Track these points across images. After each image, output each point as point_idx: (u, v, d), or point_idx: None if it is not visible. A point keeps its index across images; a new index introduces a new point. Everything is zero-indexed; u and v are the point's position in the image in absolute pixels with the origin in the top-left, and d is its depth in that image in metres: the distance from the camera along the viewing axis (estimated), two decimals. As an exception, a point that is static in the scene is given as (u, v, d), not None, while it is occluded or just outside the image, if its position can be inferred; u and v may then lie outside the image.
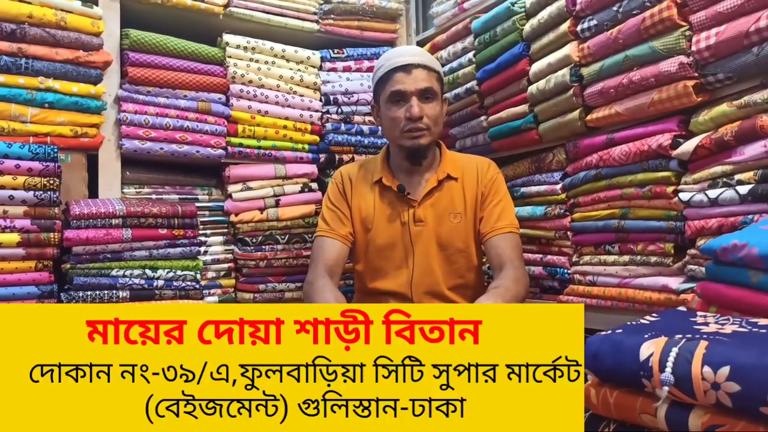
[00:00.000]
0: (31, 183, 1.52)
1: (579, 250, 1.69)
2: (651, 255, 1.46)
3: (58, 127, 1.72)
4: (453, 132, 2.17)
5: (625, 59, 1.48)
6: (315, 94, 2.21)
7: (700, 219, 1.32)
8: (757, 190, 1.20)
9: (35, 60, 1.69)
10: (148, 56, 1.89)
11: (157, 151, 1.90)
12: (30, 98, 1.68)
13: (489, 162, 1.69)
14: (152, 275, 1.64)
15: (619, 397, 0.83)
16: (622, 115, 1.52)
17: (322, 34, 2.25)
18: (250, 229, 2.04)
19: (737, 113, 1.27)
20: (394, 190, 1.62)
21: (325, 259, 1.58)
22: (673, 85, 1.37)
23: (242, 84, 2.05)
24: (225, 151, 2.02)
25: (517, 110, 1.85)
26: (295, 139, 2.16)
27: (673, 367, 0.75)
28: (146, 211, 1.64)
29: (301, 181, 2.15)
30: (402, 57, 1.57)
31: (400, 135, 1.57)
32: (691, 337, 0.79)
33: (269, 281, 2.05)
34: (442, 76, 1.65)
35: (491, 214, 1.59)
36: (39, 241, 1.53)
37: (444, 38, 2.17)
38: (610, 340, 0.86)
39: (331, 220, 1.64)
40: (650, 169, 1.45)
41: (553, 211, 1.75)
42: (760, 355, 0.70)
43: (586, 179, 1.63)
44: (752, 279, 0.94)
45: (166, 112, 1.92)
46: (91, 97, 1.78)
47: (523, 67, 1.80)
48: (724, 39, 1.26)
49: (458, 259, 1.60)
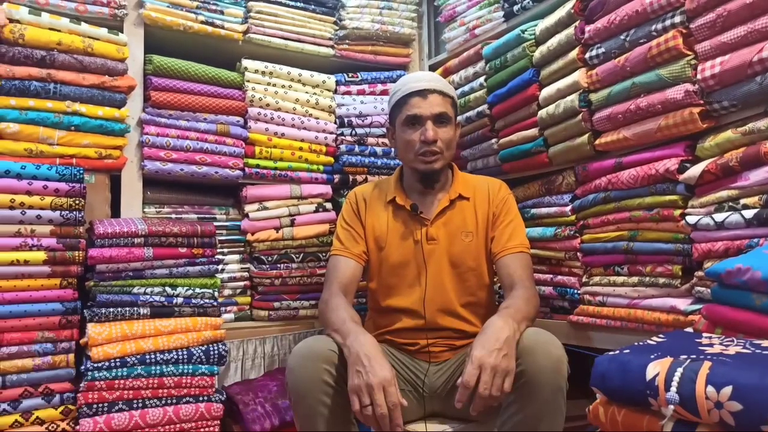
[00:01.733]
0: (57, 203, 1.58)
1: (589, 271, 1.72)
2: (659, 276, 1.49)
3: (83, 149, 1.79)
4: (464, 154, 2.22)
5: (632, 86, 1.53)
6: (330, 117, 2.27)
7: (707, 242, 1.35)
8: (762, 215, 1.23)
9: (63, 85, 1.76)
10: (170, 81, 1.96)
11: (177, 172, 1.96)
12: (57, 121, 1.75)
13: (500, 183, 1.73)
14: (172, 293, 1.69)
15: (626, 415, 0.86)
16: (630, 139, 1.56)
17: (337, 59, 2.32)
18: (265, 247, 2.09)
19: (742, 140, 1.31)
20: (407, 210, 1.66)
21: (340, 278, 1.61)
22: (679, 112, 1.41)
23: (260, 107, 2.12)
24: (242, 171, 2.08)
25: (527, 134, 1.90)
26: (310, 160, 2.22)
27: (678, 386, 0.78)
28: (167, 231, 1.70)
29: (315, 201, 2.20)
30: (419, 82, 1.63)
31: (414, 158, 1.61)
32: (695, 357, 0.82)
33: (284, 299, 2.10)
34: (457, 102, 1.69)
35: (502, 234, 1.62)
36: (64, 259, 1.59)
37: (456, 63, 2.23)
38: (618, 360, 0.89)
39: (346, 239, 1.68)
40: (658, 192, 1.48)
41: (563, 232, 1.78)
42: (762, 376, 0.73)
43: (595, 202, 1.67)
44: (756, 302, 0.97)
45: (187, 135, 1.98)
46: (116, 120, 1.84)
47: (533, 92, 1.84)
48: (728, 68, 1.30)
49: (470, 278, 1.63)
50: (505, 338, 1.26)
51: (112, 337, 1.58)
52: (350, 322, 1.41)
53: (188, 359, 1.65)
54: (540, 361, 1.27)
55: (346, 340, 1.34)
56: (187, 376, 1.64)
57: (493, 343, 1.24)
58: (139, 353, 1.60)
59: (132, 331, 1.60)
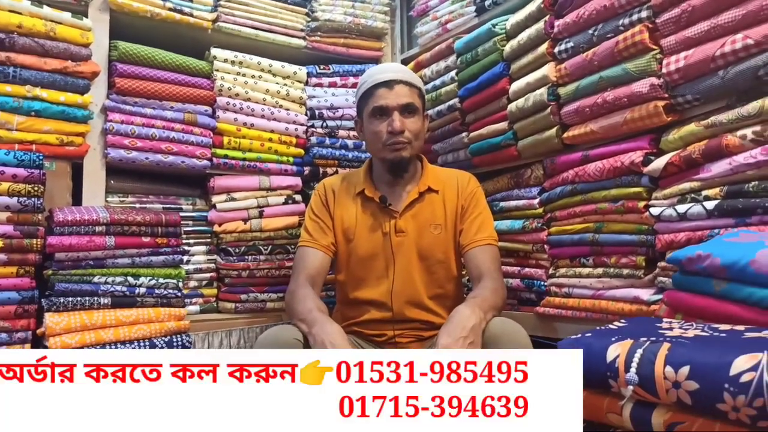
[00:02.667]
0: (15, 189, 1.53)
1: (555, 263, 1.74)
2: (623, 267, 1.51)
3: (44, 135, 1.73)
4: (435, 148, 2.22)
5: (600, 80, 1.54)
6: (301, 109, 2.25)
7: (670, 233, 1.37)
8: (723, 206, 1.26)
9: (23, 69, 1.70)
10: (136, 68, 1.91)
11: (142, 161, 1.92)
12: (17, 106, 1.69)
13: (469, 176, 1.73)
14: (134, 282, 1.65)
15: (587, 398, 0.87)
16: (596, 133, 1.58)
17: (309, 51, 2.30)
18: (233, 239, 2.06)
19: (704, 133, 1.33)
20: (376, 202, 1.65)
21: (307, 269, 1.60)
22: (644, 105, 1.44)
23: (229, 97, 2.09)
24: (210, 162, 2.05)
25: (497, 127, 1.91)
26: (280, 151, 2.19)
27: (638, 367, 0.79)
28: (130, 219, 1.65)
29: (285, 192, 2.18)
30: (384, 74, 1.62)
31: (382, 148, 1.61)
32: (655, 339, 0.83)
33: (251, 291, 2.07)
34: (424, 93, 1.69)
35: (471, 226, 1.62)
36: (21, 246, 1.53)
37: (428, 57, 2.23)
38: (580, 343, 0.90)
39: (314, 231, 1.66)
40: (623, 185, 1.50)
41: (530, 225, 1.80)
42: (717, 355, 0.74)
43: (562, 194, 1.68)
44: (716, 288, 0.99)
45: (153, 123, 1.94)
46: (78, 106, 1.79)
47: (504, 85, 1.85)
48: (692, 62, 1.33)
49: (438, 270, 1.63)
50: (472, 326, 1.26)
51: (70, 327, 1.53)
52: (316, 312, 1.40)
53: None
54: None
55: (312, 329, 1.33)
56: (149, 368, 1.60)
57: (460, 331, 1.25)
58: (99, 344, 1.55)
59: (92, 321, 1.56)
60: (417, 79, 1.67)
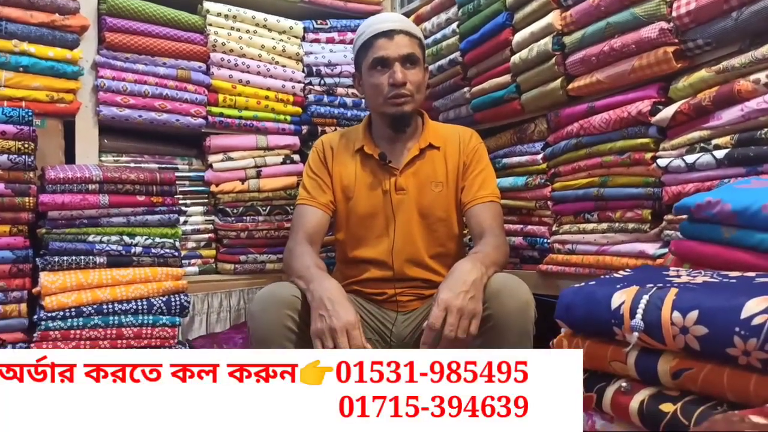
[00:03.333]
0: (4, 146, 1.49)
1: (559, 220, 1.70)
2: (629, 222, 1.47)
3: (33, 92, 1.69)
4: (436, 104, 2.16)
5: (607, 26, 1.48)
6: (297, 65, 2.19)
7: (678, 184, 1.33)
8: (733, 154, 1.21)
9: (9, 22, 1.65)
10: (126, 22, 1.85)
11: (135, 119, 1.87)
12: (4, 62, 1.65)
13: (471, 132, 1.68)
14: (130, 242, 1.62)
15: (590, 346, 0.84)
16: (603, 83, 1.52)
17: (305, 5, 2.22)
18: (230, 199, 2.03)
19: (716, 78, 1.27)
20: (375, 159, 1.61)
21: (306, 227, 1.57)
22: (653, 52, 1.37)
23: (223, 53, 2.02)
24: (205, 120, 2.00)
25: (499, 80, 1.85)
26: (276, 110, 2.14)
27: (644, 313, 0.76)
28: (124, 177, 1.62)
29: (282, 152, 2.14)
30: (383, 23, 1.56)
31: (383, 102, 1.55)
32: (662, 286, 0.80)
33: (250, 252, 2.04)
34: (423, 43, 1.63)
35: (473, 183, 1.58)
36: (13, 205, 1.51)
37: (428, 9, 2.15)
38: (583, 291, 0.86)
39: (312, 189, 1.63)
40: (630, 136, 1.45)
41: (533, 181, 1.75)
42: (727, 298, 0.71)
43: (566, 148, 1.63)
44: (725, 235, 0.95)
45: (145, 80, 1.89)
46: (68, 62, 1.74)
47: (507, 36, 1.79)
48: (704, 4, 1.26)
49: (439, 228, 1.60)
50: (473, 281, 1.24)
51: (66, 286, 1.51)
52: (314, 268, 1.38)
53: (148, 310, 1.59)
54: (507, 305, 1.26)
55: (310, 285, 1.31)
56: (147, 327, 1.59)
57: (460, 285, 1.23)
58: (96, 303, 1.54)
59: (88, 281, 1.54)
60: (417, 30, 1.61)
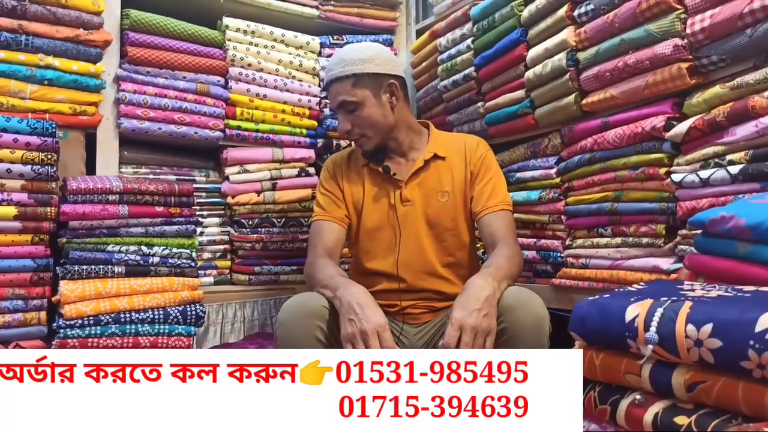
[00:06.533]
0: (28, 157, 1.53)
1: (572, 234, 1.70)
2: (643, 236, 1.47)
3: (57, 105, 1.73)
4: (450, 119, 2.18)
5: (621, 43, 1.49)
6: (314, 80, 2.22)
7: (692, 200, 1.33)
8: (748, 170, 1.21)
9: (35, 37, 1.70)
10: (148, 37, 1.90)
11: (155, 131, 1.91)
12: (30, 75, 1.69)
13: (478, 140, 1.67)
14: (148, 252, 1.65)
15: (605, 359, 0.84)
16: (617, 98, 1.53)
17: (322, 20, 2.26)
18: (246, 211, 2.05)
19: (730, 95, 1.28)
20: (381, 172, 1.62)
21: (324, 242, 1.57)
22: (667, 68, 1.38)
23: (241, 67, 2.06)
24: (223, 133, 2.03)
25: (513, 96, 1.86)
26: (293, 123, 2.17)
27: (658, 326, 0.76)
28: (143, 188, 1.65)
29: (298, 165, 2.16)
30: (327, 74, 1.60)
31: None
32: (676, 299, 0.80)
33: (265, 263, 2.06)
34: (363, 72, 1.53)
35: (482, 192, 1.58)
36: (36, 214, 1.54)
37: (443, 25, 2.18)
38: (597, 303, 0.87)
39: (326, 204, 1.64)
40: (644, 151, 1.46)
41: (547, 195, 1.76)
42: (742, 311, 0.71)
43: (580, 163, 1.64)
44: (740, 250, 0.95)
45: (165, 93, 1.93)
46: (91, 75, 1.79)
47: (521, 52, 1.81)
48: (718, 21, 1.27)
49: (447, 238, 1.60)
50: (485, 297, 1.23)
51: (85, 295, 1.54)
52: (338, 277, 1.38)
53: (164, 319, 1.62)
54: (521, 319, 1.25)
55: (336, 293, 1.31)
56: (163, 336, 1.61)
57: (473, 303, 1.21)
58: (114, 312, 1.56)
59: (106, 290, 1.56)
60: (351, 65, 1.53)
